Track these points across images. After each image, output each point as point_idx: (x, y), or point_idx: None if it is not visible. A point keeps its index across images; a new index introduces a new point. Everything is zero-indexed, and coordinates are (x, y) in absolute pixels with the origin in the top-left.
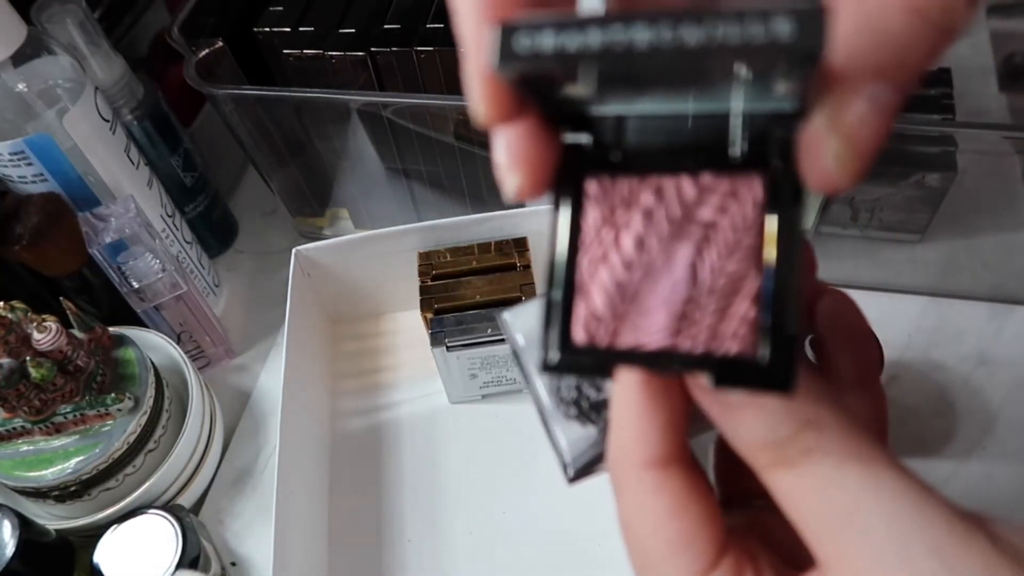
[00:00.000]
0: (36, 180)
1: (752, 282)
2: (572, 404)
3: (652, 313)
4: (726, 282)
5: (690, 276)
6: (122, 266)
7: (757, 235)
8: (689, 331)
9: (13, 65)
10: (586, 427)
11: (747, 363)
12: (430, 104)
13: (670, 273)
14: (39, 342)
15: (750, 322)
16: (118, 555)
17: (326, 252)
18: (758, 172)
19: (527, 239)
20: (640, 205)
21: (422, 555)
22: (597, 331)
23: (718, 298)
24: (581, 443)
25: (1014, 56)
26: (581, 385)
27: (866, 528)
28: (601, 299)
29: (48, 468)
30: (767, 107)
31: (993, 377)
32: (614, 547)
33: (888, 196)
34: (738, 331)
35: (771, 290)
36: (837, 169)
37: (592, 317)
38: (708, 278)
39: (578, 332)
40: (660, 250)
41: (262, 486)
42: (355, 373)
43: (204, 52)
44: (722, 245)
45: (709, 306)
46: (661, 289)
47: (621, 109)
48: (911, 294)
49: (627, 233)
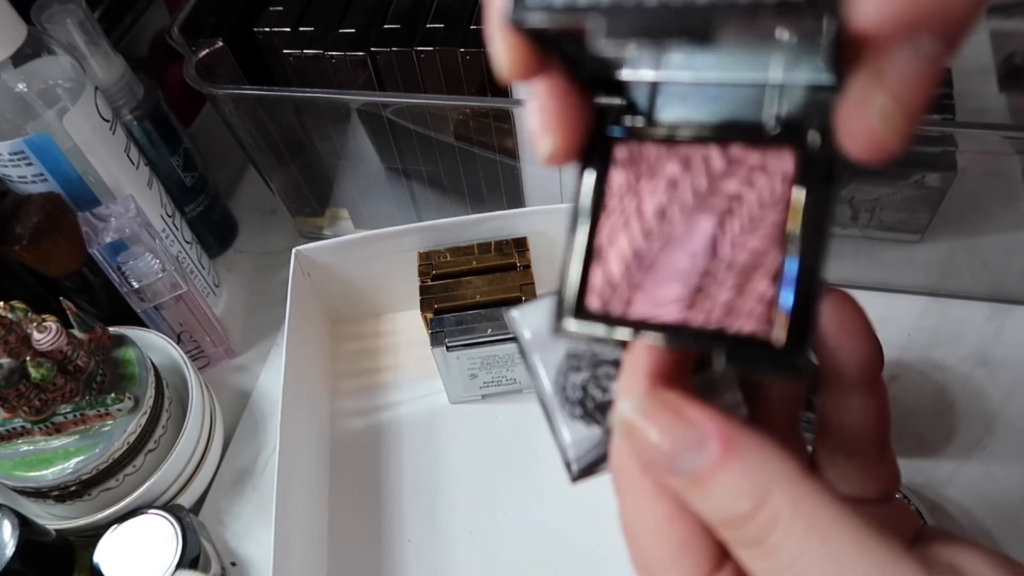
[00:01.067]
0: (36, 180)
1: (774, 260)
2: (577, 404)
3: (667, 284)
4: (747, 258)
5: (710, 249)
6: (122, 266)
7: (783, 211)
8: (703, 305)
9: (13, 65)
10: (591, 427)
11: (760, 344)
12: (430, 104)
13: (689, 244)
14: (39, 342)
15: (767, 301)
16: (118, 555)
17: (326, 252)
18: (790, 146)
19: (527, 239)
20: (665, 174)
21: (422, 555)
22: (611, 299)
23: (737, 273)
24: (585, 443)
25: (1014, 56)
26: (587, 385)
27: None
28: (618, 266)
29: (48, 468)
30: (804, 78)
31: (993, 377)
32: (614, 547)
33: (888, 196)
34: (754, 309)
35: (793, 270)
36: (885, 128)
37: (607, 284)
38: (728, 252)
39: (592, 299)
40: (681, 220)
41: (262, 486)
42: (355, 373)
43: (204, 52)
44: (746, 219)
45: (727, 281)
46: (679, 260)
47: (654, 75)
48: (911, 294)
49: (650, 201)
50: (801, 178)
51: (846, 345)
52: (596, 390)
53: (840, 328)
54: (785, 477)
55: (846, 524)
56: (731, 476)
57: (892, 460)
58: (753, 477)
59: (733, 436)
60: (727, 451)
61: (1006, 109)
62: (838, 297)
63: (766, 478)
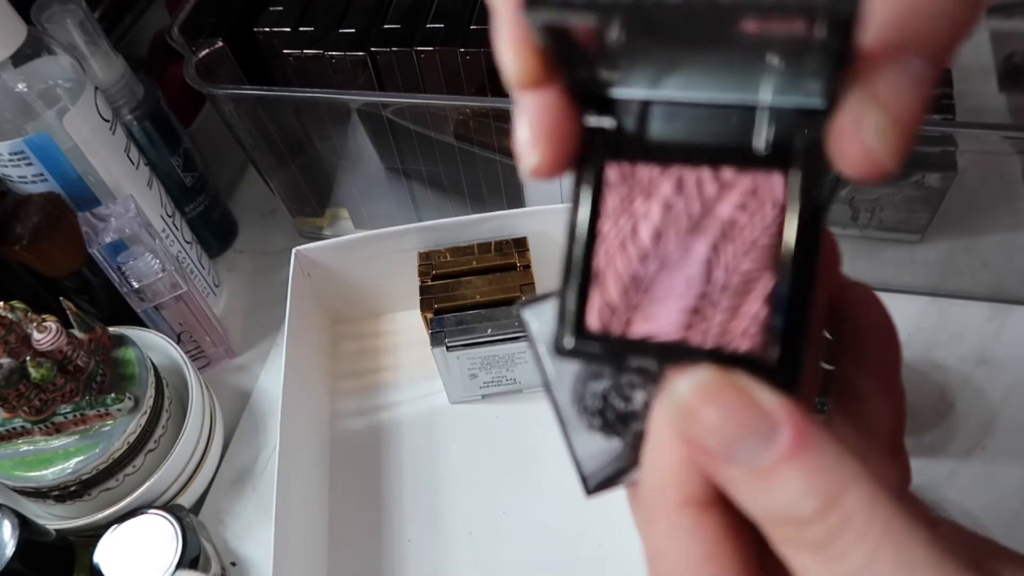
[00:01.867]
0: (36, 180)
1: (766, 282)
2: (597, 414)
3: (665, 306)
4: (740, 281)
5: (705, 272)
6: (122, 266)
7: (775, 235)
8: (700, 326)
9: (13, 65)
10: (610, 439)
11: (755, 361)
12: (430, 104)
13: (685, 268)
14: (39, 342)
15: (761, 322)
16: (118, 555)
17: (326, 252)
18: (780, 171)
19: (527, 239)
20: (660, 196)
21: (422, 555)
22: (611, 320)
23: (731, 296)
24: (602, 456)
25: (1014, 56)
26: (608, 394)
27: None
28: (616, 289)
29: (48, 468)
30: (795, 101)
31: (993, 377)
32: (614, 547)
33: (888, 196)
34: (748, 330)
35: (785, 292)
36: (880, 144)
37: (606, 306)
38: (722, 276)
39: (592, 319)
40: (677, 244)
41: (262, 486)
42: (355, 373)
43: (204, 52)
44: (739, 243)
45: (722, 303)
46: (675, 283)
47: (646, 93)
48: (911, 294)
49: (645, 225)
50: (791, 204)
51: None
52: (618, 400)
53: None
54: (861, 478)
55: (920, 534)
56: (801, 471)
57: (905, 458)
58: (827, 475)
59: (807, 428)
60: (800, 443)
61: (1006, 109)
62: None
63: (841, 477)
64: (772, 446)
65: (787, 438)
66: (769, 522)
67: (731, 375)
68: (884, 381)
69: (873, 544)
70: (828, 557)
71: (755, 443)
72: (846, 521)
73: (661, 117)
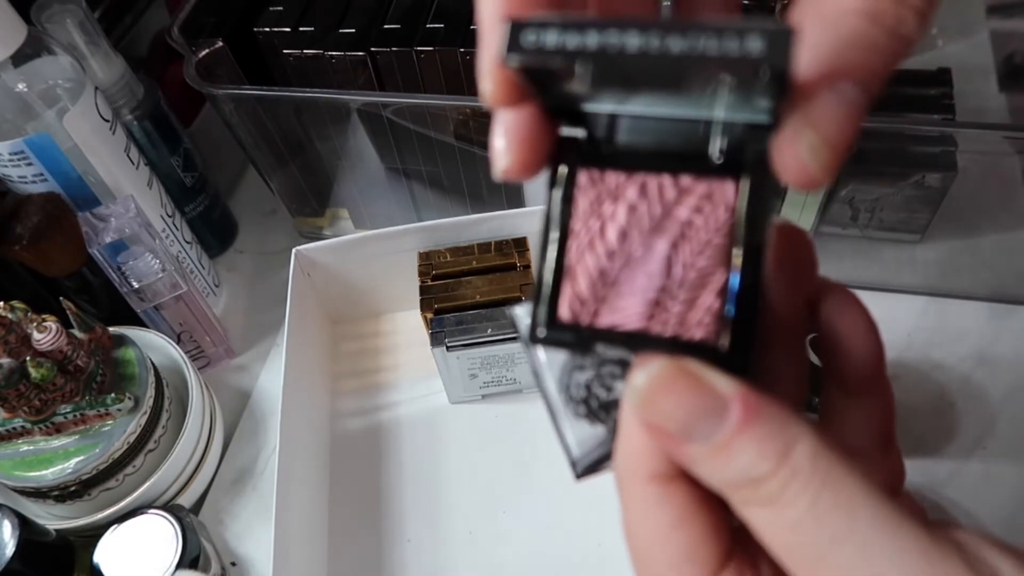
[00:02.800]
0: (36, 180)
1: (719, 277)
2: (581, 403)
3: (629, 298)
4: (696, 276)
5: (665, 268)
6: (122, 266)
7: (727, 235)
8: (661, 317)
9: (13, 65)
10: (595, 426)
11: (709, 348)
12: (430, 104)
13: (648, 264)
14: (39, 342)
15: (714, 313)
16: (118, 555)
17: (326, 252)
18: (732, 178)
19: (527, 239)
20: (625, 199)
21: (422, 555)
22: (580, 311)
23: (688, 289)
24: (589, 441)
25: (1014, 56)
26: (591, 384)
27: (842, 566)
28: (585, 283)
29: (48, 468)
30: (745, 117)
31: (993, 377)
32: (614, 547)
33: (888, 196)
34: (703, 320)
35: (735, 286)
36: (812, 160)
37: (576, 298)
38: (680, 272)
39: (564, 310)
40: (640, 243)
41: (262, 486)
42: (355, 373)
43: (204, 52)
44: (695, 243)
45: (680, 296)
46: (638, 278)
47: (614, 108)
48: (911, 294)
49: (612, 225)
50: (740, 206)
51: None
52: (600, 389)
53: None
54: (806, 435)
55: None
56: (753, 439)
57: (897, 456)
58: (776, 437)
59: (755, 401)
60: (749, 416)
61: (1006, 109)
62: (840, 295)
63: (788, 436)
64: (725, 422)
65: (737, 413)
66: (729, 489)
67: (683, 363)
68: (870, 379)
69: (816, 490)
70: (779, 507)
71: (709, 422)
72: (793, 473)
73: (627, 129)
